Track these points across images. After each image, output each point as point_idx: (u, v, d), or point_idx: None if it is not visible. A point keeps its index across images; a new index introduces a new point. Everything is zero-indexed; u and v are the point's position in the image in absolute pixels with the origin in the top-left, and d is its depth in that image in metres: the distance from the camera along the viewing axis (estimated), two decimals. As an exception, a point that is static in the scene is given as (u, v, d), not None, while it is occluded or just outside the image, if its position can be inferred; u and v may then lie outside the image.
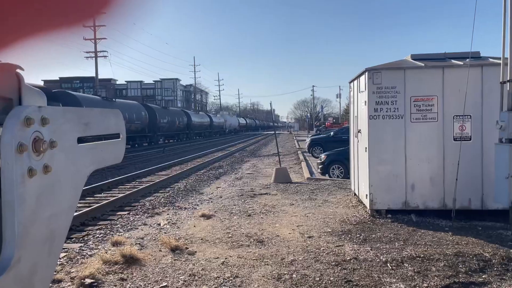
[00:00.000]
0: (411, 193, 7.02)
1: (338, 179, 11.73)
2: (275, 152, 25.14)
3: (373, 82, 7.04)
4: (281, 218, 7.24)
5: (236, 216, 7.51)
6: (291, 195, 9.57)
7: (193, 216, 7.60)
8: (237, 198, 9.38)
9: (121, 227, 6.93)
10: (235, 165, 18.07)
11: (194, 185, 11.91)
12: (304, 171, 14.06)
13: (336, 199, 8.80)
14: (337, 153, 12.84)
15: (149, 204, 8.94)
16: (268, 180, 12.48)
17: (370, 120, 7.06)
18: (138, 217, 7.71)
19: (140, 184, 12.45)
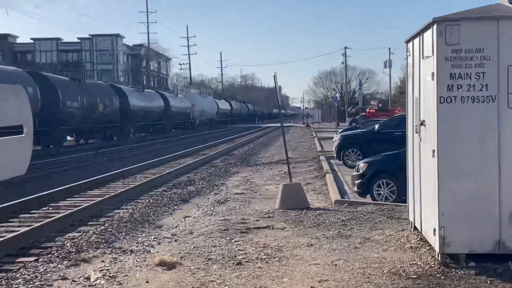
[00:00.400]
0: (508, 227, 7.04)
1: (387, 203, 11.80)
2: (282, 158, 25.21)
3: (446, 42, 7.04)
4: (292, 269, 7.23)
5: (217, 265, 7.50)
6: (308, 230, 9.59)
7: (145, 264, 7.59)
8: (218, 234, 9.40)
9: (23, 285, 6.90)
10: (215, 180, 18.12)
11: (146, 212, 11.94)
12: (331, 189, 14.13)
13: (384, 237, 8.82)
14: (385, 160, 12.88)
15: (72, 244, 8.93)
16: (270, 204, 12.51)
17: (441, 105, 7.06)
18: (53, 266, 7.68)
19: (56, 210, 12.46)
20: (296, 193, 12.03)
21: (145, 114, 51.72)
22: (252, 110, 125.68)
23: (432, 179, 7.32)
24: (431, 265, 7.12)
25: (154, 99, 56.25)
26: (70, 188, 15.41)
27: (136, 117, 48.43)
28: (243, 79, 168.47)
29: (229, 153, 30.05)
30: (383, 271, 6.97)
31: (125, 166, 21.79)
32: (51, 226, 10.29)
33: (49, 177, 19.35)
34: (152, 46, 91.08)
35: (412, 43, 8.67)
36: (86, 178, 17.96)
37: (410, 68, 8.89)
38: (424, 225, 7.97)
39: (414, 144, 8.62)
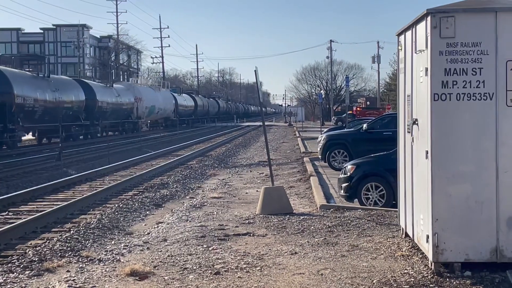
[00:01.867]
0: (506, 234, 7.10)
1: (376, 208, 11.84)
2: (263, 159, 25.21)
3: (441, 35, 7.09)
4: (275, 279, 7.24)
5: (194, 274, 7.49)
6: (292, 237, 9.59)
7: (115, 274, 7.55)
8: (194, 242, 9.37)
9: (-19, 296, 6.82)
10: (190, 183, 18.07)
11: (116, 218, 11.87)
12: (316, 193, 14.16)
13: (373, 244, 8.85)
14: (374, 162, 12.94)
15: (34, 252, 8.85)
16: (250, 209, 12.51)
17: (435, 102, 7.10)
18: (13, 276, 7.61)
19: (17, 216, 12.34)
20: (278, 197, 12.03)
21: (46, 111, 36.81)
22: (225, 108, 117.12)
23: (425, 182, 7.36)
24: (424, 275, 7.16)
25: (66, 90, 41.09)
26: (32, 191, 15.27)
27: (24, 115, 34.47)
28: (221, 74, 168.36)
29: (205, 152, 30.01)
30: (373, 281, 6.99)
31: (82, 167, 21.65)
32: (10, 233, 10.17)
33: (7, 179, 19.16)
34: (121, 38, 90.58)
35: (404, 36, 8.71)
36: (51, 178, 17.82)
37: (401, 63, 8.93)
38: (417, 232, 8.00)
39: (406, 145, 8.66)
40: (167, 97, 70.60)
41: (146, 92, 62.21)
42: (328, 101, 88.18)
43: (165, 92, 71.84)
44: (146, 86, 66.70)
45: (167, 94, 71.35)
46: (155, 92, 65.74)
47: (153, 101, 62.96)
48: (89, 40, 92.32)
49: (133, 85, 62.22)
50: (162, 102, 66.64)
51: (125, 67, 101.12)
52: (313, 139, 36.22)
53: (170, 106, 70.23)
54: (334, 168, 20.29)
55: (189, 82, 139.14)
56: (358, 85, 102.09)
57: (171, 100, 71.43)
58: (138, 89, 60.93)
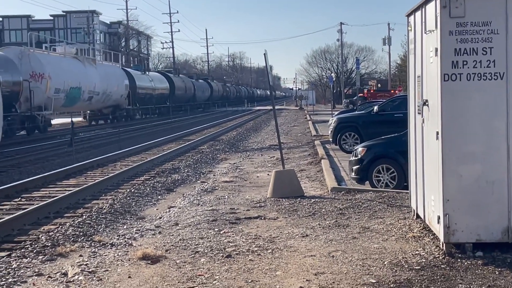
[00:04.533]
0: (518, 214, 7.09)
1: (387, 190, 11.84)
2: (274, 143, 25.22)
3: (451, 15, 7.04)
4: (286, 261, 7.26)
5: (205, 258, 7.51)
6: (303, 220, 9.62)
7: (127, 258, 7.59)
8: (206, 226, 9.41)
9: (-5, 280, 6.88)
10: (201, 167, 18.11)
11: (128, 202, 11.93)
12: (327, 176, 14.16)
13: (384, 226, 8.87)
14: (385, 144, 12.92)
15: (47, 237, 8.92)
16: (262, 192, 12.53)
17: (445, 83, 7.08)
18: (26, 261, 7.66)
19: (30, 201, 12.42)
20: (289, 180, 12.04)
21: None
22: (220, 92, 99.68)
23: (436, 163, 7.35)
24: (435, 256, 7.17)
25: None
26: (43, 177, 15.36)
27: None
28: (231, 58, 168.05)
29: (216, 137, 30.03)
30: (384, 263, 7.00)
31: (94, 153, 21.72)
32: (23, 218, 10.24)
33: (20, 166, 19.28)
34: (131, 23, 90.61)
35: (413, 16, 8.66)
36: (62, 164, 17.92)
37: (411, 43, 8.88)
38: (428, 213, 8.01)
39: (417, 126, 8.64)
40: (112, 75, 47.62)
41: (59, 65, 38.20)
42: (339, 84, 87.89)
43: (108, 67, 49.35)
44: (60, 56, 40.50)
45: (111, 71, 48.48)
46: (82, 67, 41.56)
47: (76, 80, 39.23)
48: (99, 26, 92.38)
49: (27, 53, 35.79)
50: (101, 83, 44.05)
51: (135, 53, 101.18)
52: (324, 122, 36.16)
53: (117, 87, 47.84)
54: (345, 150, 20.27)
55: (200, 67, 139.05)
56: (369, 67, 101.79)
57: (118, 78, 48.79)
58: (38, 59, 36.09)
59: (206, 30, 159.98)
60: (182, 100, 72.20)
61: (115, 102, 48.71)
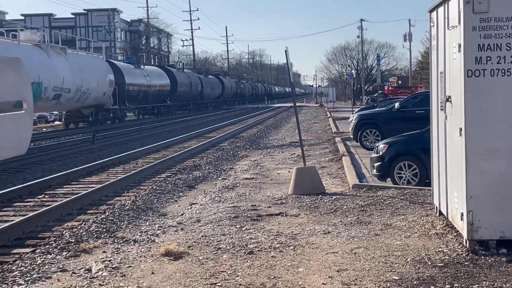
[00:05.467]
0: (542, 211, 7.03)
1: (409, 187, 11.78)
2: (295, 140, 25.21)
3: (474, 10, 6.99)
4: (308, 258, 7.27)
5: (228, 254, 7.54)
6: (325, 217, 9.61)
7: (150, 255, 7.64)
8: (227, 222, 9.43)
9: (20, 277, 6.95)
10: (222, 164, 18.15)
11: (149, 199, 11.99)
12: (348, 173, 14.13)
13: (407, 223, 8.83)
14: (407, 141, 12.85)
15: (71, 234, 9.00)
16: (283, 189, 12.53)
17: (469, 79, 7.03)
18: (51, 257, 7.74)
19: (53, 198, 12.53)
20: (310, 177, 12.03)
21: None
22: (234, 89, 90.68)
23: (459, 159, 7.31)
24: (459, 253, 7.13)
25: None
26: (65, 175, 15.48)
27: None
28: (251, 55, 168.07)
29: (237, 134, 30.07)
30: (407, 259, 6.98)
31: (114, 151, 21.82)
32: (47, 215, 10.34)
33: (43, 163, 19.45)
34: (152, 21, 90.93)
35: (436, 12, 8.61)
36: (85, 161, 18.04)
37: (434, 39, 8.83)
38: (451, 210, 7.97)
39: (439, 123, 8.59)
40: (90, 68, 37.57)
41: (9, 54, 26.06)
42: (359, 81, 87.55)
43: (84, 58, 38.69)
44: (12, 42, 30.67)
45: (89, 63, 38.02)
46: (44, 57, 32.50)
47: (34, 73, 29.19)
48: (119, 24, 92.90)
49: None
50: (73, 77, 34.88)
51: (155, 51, 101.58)
52: (345, 119, 36.06)
53: (102, 85, 39.21)
54: (366, 147, 20.20)
55: (220, 65, 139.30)
56: (389, 64, 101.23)
57: (105, 75, 40.28)
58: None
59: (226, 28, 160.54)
60: (187, 97, 64.38)
61: (95, 101, 38.13)
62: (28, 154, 20.00)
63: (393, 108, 20.87)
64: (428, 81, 9.54)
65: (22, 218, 9.88)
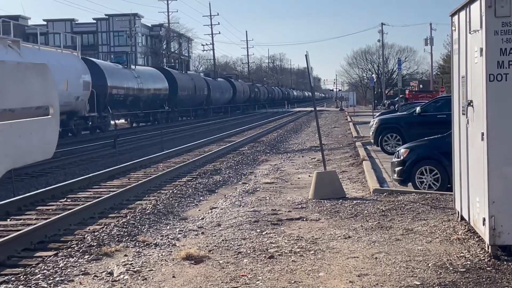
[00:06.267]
0: None
1: (430, 192, 11.72)
2: (315, 144, 25.18)
3: (496, 14, 6.95)
4: (329, 262, 7.26)
5: (248, 258, 7.56)
6: (345, 221, 9.59)
7: (171, 258, 7.67)
8: (248, 226, 9.45)
9: (43, 280, 7.02)
10: (242, 168, 18.18)
11: (170, 203, 12.04)
12: (368, 177, 14.08)
13: (428, 228, 8.79)
14: (428, 145, 12.79)
15: (93, 237, 9.07)
16: (303, 194, 12.53)
17: (491, 83, 6.99)
18: (73, 260, 7.81)
19: (75, 202, 12.64)
20: (331, 181, 12.02)
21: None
22: (247, 93, 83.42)
23: (481, 164, 7.26)
24: (481, 258, 7.09)
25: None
26: (88, 178, 15.60)
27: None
28: (271, 60, 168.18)
29: (257, 138, 30.09)
30: (428, 264, 6.95)
31: (136, 155, 21.93)
32: (69, 218, 10.44)
33: (65, 167, 19.61)
34: (172, 26, 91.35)
35: (457, 16, 8.57)
36: (106, 165, 18.17)
37: (455, 43, 8.79)
38: (473, 215, 7.92)
39: (461, 127, 8.55)
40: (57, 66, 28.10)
41: None
42: (380, 85, 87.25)
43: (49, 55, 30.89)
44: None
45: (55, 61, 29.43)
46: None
47: None
48: (140, 29, 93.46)
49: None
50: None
51: (176, 55, 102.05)
52: (365, 124, 35.96)
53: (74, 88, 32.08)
54: (387, 152, 20.11)
55: (240, 69, 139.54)
56: (410, 68, 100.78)
57: (78, 76, 33.16)
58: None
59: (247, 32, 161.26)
60: (191, 103, 58.09)
61: (65, 108, 30.29)
62: (51, 158, 20.10)
63: (414, 113, 20.77)
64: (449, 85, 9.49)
65: (45, 222, 9.98)
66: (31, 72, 1.70)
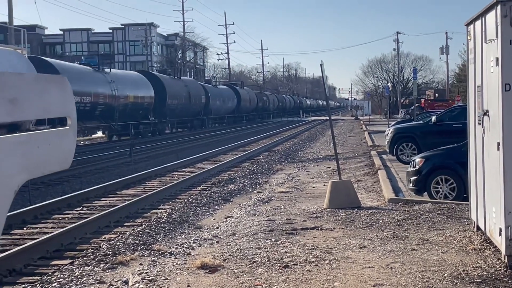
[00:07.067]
0: None
1: (446, 201, 11.67)
2: (330, 153, 25.13)
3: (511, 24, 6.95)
4: (344, 272, 7.25)
5: (263, 268, 7.56)
6: (360, 231, 9.57)
7: (186, 267, 7.69)
8: (263, 236, 9.45)
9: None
10: (257, 177, 18.18)
11: (185, 212, 12.06)
12: (384, 187, 14.04)
13: (444, 238, 8.74)
14: (444, 155, 12.74)
15: (108, 246, 9.10)
16: (318, 203, 12.51)
17: (507, 93, 6.98)
18: (88, 269, 7.84)
19: (90, 210, 12.70)
20: (346, 191, 12.00)
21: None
22: (250, 101, 76.92)
23: (497, 174, 7.23)
24: (497, 268, 7.04)
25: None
26: (103, 187, 15.68)
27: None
28: (286, 68, 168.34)
29: (271, 147, 30.09)
30: (444, 275, 6.91)
31: (152, 163, 22.00)
32: (84, 227, 10.48)
33: (81, 176, 19.73)
34: (188, 35, 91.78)
35: (473, 25, 8.56)
36: (120, 174, 18.25)
37: (471, 53, 8.77)
38: (489, 225, 7.88)
39: (477, 137, 8.52)
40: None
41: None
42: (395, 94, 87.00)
43: None
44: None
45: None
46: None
47: None
48: (156, 39, 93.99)
49: None
50: None
51: (191, 64, 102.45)
52: (380, 133, 35.85)
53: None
54: (402, 161, 20.05)
55: (255, 78, 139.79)
56: (426, 77, 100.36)
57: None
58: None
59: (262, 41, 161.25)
60: (184, 113, 50.63)
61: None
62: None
63: (430, 122, 20.72)
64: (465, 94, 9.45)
65: (61, 230, 10.04)
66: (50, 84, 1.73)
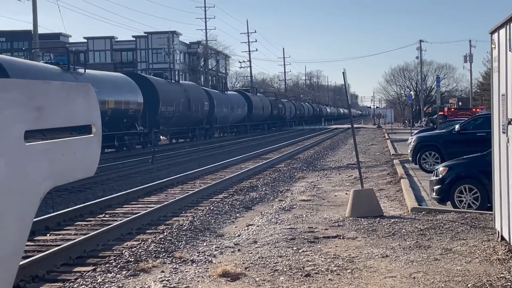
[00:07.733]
0: None
1: (470, 211, 11.56)
2: (352, 162, 25.06)
3: (537, 32, 6.91)
4: (366, 282, 7.21)
5: (284, 276, 7.54)
6: (383, 240, 9.51)
7: (207, 275, 7.70)
8: (284, 244, 9.42)
9: (82, 294, 7.10)
10: (279, 185, 18.17)
11: (207, 220, 12.08)
12: (406, 196, 13.95)
13: (467, 248, 8.66)
14: (467, 164, 12.64)
15: (130, 253, 9.14)
16: (340, 212, 12.46)
17: (532, 102, 6.93)
18: (111, 276, 7.88)
19: (113, 218, 12.76)
20: (368, 199, 11.94)
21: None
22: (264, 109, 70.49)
23: (522, 183, 7.16)
24: (522, 279, 6.96)
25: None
26: (125, 194, 15.76)
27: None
28: (308, 77, 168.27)
29: (293, 155, 30.07)
30: (468, 285, 6.84)
31: (173, 171, 22.07)
32: (108, 234, 10.54)
33: (103, 183, 19.87)
34: (210, 43, 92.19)
35: (497, 33, 8.50)
36: (144, 181, 18.34)
37: (495, 61, 8.71)
38: (513, 235, 7.80)
39: (501, 145, 8.45)
40: None
41: None
42: (418, 102, 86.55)
43: None
44: None
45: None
46: None
47: None
48: (179, 47, 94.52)
49: None
50: None
51: (213, 72, 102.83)
52: (403, 141, 35.67)
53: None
54: (425, 170, 19.92)
55: (277, 86, 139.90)
56: (449, 85, 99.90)
57: None
58: None
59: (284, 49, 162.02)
60: (182, 121, 44.43)
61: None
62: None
63: (453, 130, 20.58)
64: (489, 103, 9.38)
65: (83, 237, 10.10)
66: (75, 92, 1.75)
